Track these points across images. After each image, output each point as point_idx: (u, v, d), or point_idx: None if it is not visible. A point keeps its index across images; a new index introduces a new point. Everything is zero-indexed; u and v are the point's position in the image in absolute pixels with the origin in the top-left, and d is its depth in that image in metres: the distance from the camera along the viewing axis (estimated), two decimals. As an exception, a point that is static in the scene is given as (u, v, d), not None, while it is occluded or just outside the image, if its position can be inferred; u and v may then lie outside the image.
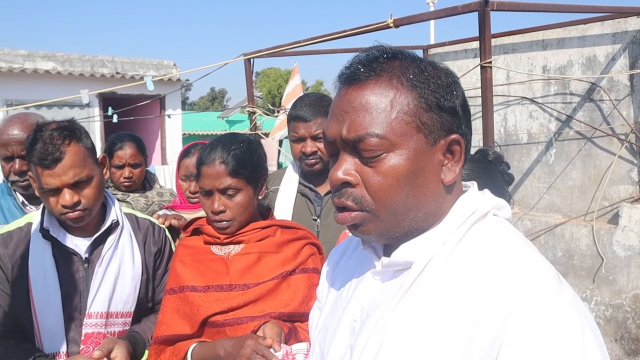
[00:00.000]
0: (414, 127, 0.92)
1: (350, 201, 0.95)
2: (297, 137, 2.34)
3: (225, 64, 4.85)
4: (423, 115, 0.93)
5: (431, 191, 0.96)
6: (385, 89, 0.93)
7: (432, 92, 0.94)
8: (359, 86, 0.94)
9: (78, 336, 1.80)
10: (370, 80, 0.94)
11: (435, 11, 3.20)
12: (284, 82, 39.77)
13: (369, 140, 0.91)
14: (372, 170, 0.93)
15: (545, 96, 4.83)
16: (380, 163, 0.92)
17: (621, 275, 4.30)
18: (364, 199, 0.94)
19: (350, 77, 0.96)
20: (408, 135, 0.92)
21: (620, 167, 4.44)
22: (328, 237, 2.24)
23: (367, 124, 0.92)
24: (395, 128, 0.92)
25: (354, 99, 0.94)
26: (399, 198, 0.93)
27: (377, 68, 0.95)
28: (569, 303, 0.84)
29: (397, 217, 0.95)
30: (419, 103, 0.93)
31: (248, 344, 1.54)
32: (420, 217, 0.96)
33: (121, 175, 2.82)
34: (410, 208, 0.95)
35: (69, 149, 1.75)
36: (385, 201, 0.93)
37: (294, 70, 8.55)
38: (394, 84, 0.93)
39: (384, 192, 0.93)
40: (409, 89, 0.93)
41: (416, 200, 0.94)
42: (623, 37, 4.34)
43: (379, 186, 0.93)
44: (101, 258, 1.86)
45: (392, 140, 0.91)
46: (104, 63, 11.17)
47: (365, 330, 0.97)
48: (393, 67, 0.95)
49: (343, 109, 0.95)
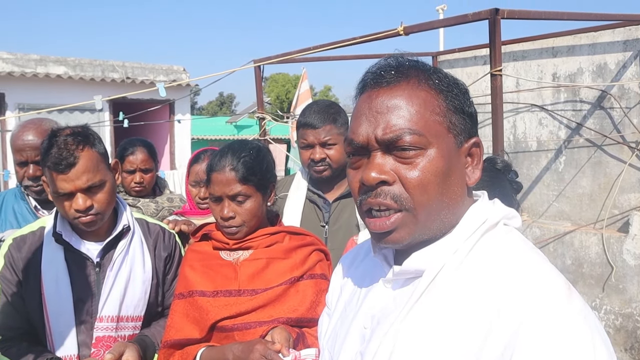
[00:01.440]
0: (445, 128, 0.96)
1: (389, 199, 0.94)
2: (306, 144, 2.35)
3: (235, 70, 4.88)
4: (452, 117, 0.97)
5: (459, 192, 0.98)
6: (416, 91, 0.96)
7: (455, 96, 0.98)
8: (390, 88, 0.97)
9: (89, 339, 1.82)
10: (402, 82, 0.97)
11: (445, 19, 3.21)
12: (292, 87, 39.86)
13: (407, 137, 0.93)
14: (408, 167, 0.94)
15: (555, 103, 4.82)
16: (417, 160, 0.94)
17: (631, 284, 4.27)
18: (402, 196, 0.94)
19: (379, 80, 0.98)
20: (441, 135, 0.95)
21: (630, 175, 4.41)
22: (336, 244, 2.25)
23: (403, 122, 0.94)
24: (430, 126, 0.94)
25: (387, 100, 0.96)
26: (435, 195, 0.94)
27: (405, 72, 0.98)
28: (579, 312, 0.84)
29: (431, 216, 0.96)
30: (447, 106, 0.97)
31: (257, 348, 1.55)
32: (448, 218, 0.97)
33: (132, 180, 2.84)
34: (442, 207, 0.96)
35: (83, 154, 1.77)
36: (424, 197, 0.94)
37: (303, 75, 8.58)
38: (423, 87, 0.97)
39: (423, 188, 0.94)
40: (437, 92, 0.97)
41: (448, 200, 0.96)
42: (634, 44, 4.33)
43: (419, 181, 0.93)
44: (112, 262, 1.88)
45: (428, 137, 0.94)
46: (114, 68, 11.25)
47: (376, 337, 0.98)
48: (419, 72, 0.98)
49: (376, 110, 0.96)
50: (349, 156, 1.02)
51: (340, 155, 2.33)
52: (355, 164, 1.01)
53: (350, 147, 1.00)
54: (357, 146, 0.98)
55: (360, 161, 0.99)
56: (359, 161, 1.00)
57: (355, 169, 1.00)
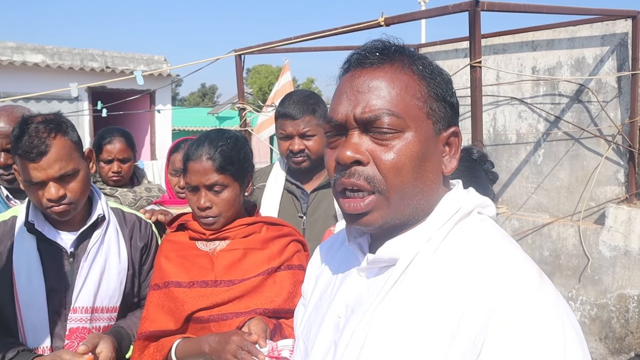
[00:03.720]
0: (424, 113, 0.96)
1: (362, 180, 0.94)
2: (285, 135, 2.33)
3: (217, 59, 4.84)
4: (433, 103, 0.97)
5: (434, 179, 0.98)
6: (399, 74, 0.96)
7: (438, 84, 0.98)
8: (373, 69, 0.96)
9: (63, 331, 1.79)
10: (385, 64, 0.97)
11: (426, 10, 3.21)
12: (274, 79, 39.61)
13: (385, 118, 0.93)
14: (384, 148, 0.94)
15: (534, 97, 4.87)
16: (394, 141, 0.93)
17: (606, 275, 4.35)
18: (376, 177, 0.94)
19: (363, 61, 0.98)
20: (420, 120, 0.95)
21: (607, 168, 4.49)
22: (314, 235, 2.25)
23: (383, 103, 0.94)
24: (409, 110, 0.94)
25: (369, 80, 0.96)
26: (409, 179, 0.94)
27: (390, 55, 0.98)
28: (550, 299, 0.85)
29: (404, 200, 0.95)
30: (429, 92, 0.97)
31: (233, 339, 1.54)
32: (421, 205, 0.97)
33: (110, 169, 2.80)
34: (416, 192, 0.96)
35: (55, 142, 1.73)
36: (397, 180, 0.93)
37: (285, 67, 8.53)
38: (406, 71, 0.96)
39: (397, 171, 0.93)
40: (420, 77, 0.97)
41: (422, 185, 0.96)
42: (611, 39, 4.38)
43: (393, 164, 0.93)
44: (87, 252, 1.85)
45: (407, 120, 0.94)
46: (93, 57, 11.08)
47: (350, 326, 0.97)
48: (403, 57, 0.98)
49: (357, 89, 0.96)
50: (328, 136, 1.01)
51: (319, 147, 2.32)
52: (332, 144, 1.00)
53: (328, 126, 1.00)
54: (335, 124, 0.98)
55: (338, 140, 0.99)
56: (337, 140, 0.99)
57: (333, 148, 1.00)
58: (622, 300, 4.30)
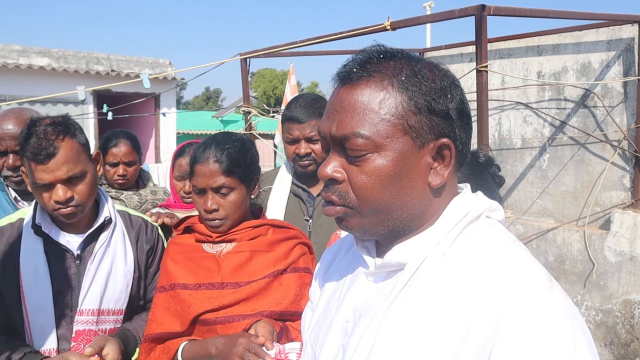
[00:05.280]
0: (400, 130, 0.93)
1: (335, 196, 0.98)
2: (291, 139, 2.34)
3: (221, 63, 4.85)
4: (411, 118, 0.93)
5: (416, 193, 0.96)
6: (375, 90, 0.93)
7: (423, 94, 0.93)
8: (350, 86, 0.95)
9: (69, 333, 1.79)
10: (362, 80, 0.95)
11: (432, 14, 3.21)
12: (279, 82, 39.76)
13: (354, 140, 0.93)
14: (357, 169, 0.95)
15: (539, 101, 4.86)
16: (364, 163, 0.94)
17: (612, 280, 4.33)
18: (348, 195, 0.97)
19: (343, 77, 0.97)
20: (394, 138, 0.93)
21: (612, 173, 4.47)
22: (319, 238, 2.25)
23: (354, 123, 0.93)
24: (381, 130, 0.93)
25: (344, 98, 0.95)
26: (381, 198, 0.95)
27: (370, 69, 0.95)
28: (560, 304, 0.85)
29: (379, 215, 0.97)
30: (408, 106, 0.93)
31: (240, 342, 1.54)
32: (404, 217, 0.97)
33: (115, 172, 2.81)
34: (393, 209, 0.96)
35: (63, 145, 1.74)
36: (368, 200, 0.95)
37: (290, 71, 8.56)
38: (384, 85, 0.93)
39: (367, 191, 0.95)
40: (399, 91, 0.93)
41: (399, 202, 0.96)
42: (617, 44, 4.38)
43: (363, 185, 0.95)
44: (93, 255, 1.85)
45: (376, 141, 0.93)
46: (99, 60, 11.12)
47: (358, 330, 0.97)
48: (386, 68, 0.95)
49: (334, 107, 0.97)
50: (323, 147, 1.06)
51: (325, 150, 2.33)
52: (327, 154, 1.03)
53: (320, 138, 1.04)
54: (322, 138, 1.02)
55: (329, 152, 1.02)
56: (329, 152, 1.03)
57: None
58: (628, 305, 4.28)
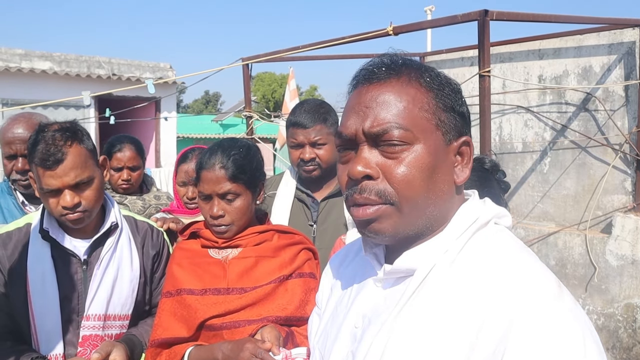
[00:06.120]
0: (433, 124, 0.97)
1: (373, 195, 0.95)
2: (296, 144, 2.35)
3: (222, 69, 4.86)
4: (441, 115, 0.97)
5: (446, 190, 0.99)
6: (406, 87, 0.97)
7: (446, 95, 0.99)
8: (380, 84, 0.98)
9: (75, 338, 1.80)
10: (392, 79, 0.98)
11: (435, 20, 3.22)
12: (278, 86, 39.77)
13: (394, 132, 0.94)
14: (394, 162, 0.95)
15: (540, 105, 4.87)
16: (403, 154, 0.95)
17: (613, 284, 4.33)
18: (387, 191, 0.95)
19: (371, 76, 0.99)
20: (429, 132, 0.96)
21: (614, 177, 4.48)
22: (324, 243, 2.26)
23: (391, 117, 0.95)
24: (417, 123, 0.95)
25: (377, 95, 0.97)
26: (421, 191, 0.95)
27: (397, 69, 0.99)
28: (570, 310, 0.85)
29: (417, 211, 0.96)
30: (437, 103, 0.98)
31: (247, 347, 1.55)
32: (435, 215, 0.98)
33: (119, 177, 2.82)
34: (429, 204, 0.96)
35: (71, 150, 1.75)
36: (409, 193, 0.94)
37: (290, 75, 8.58)
38: (413, 84, 0.98)
39: (408, 183, 0.94)
40: (428, 89, 0.98)
41: (434, 197, 0.97)
42: (619, 48, 4.39)
43: (404, 177, 0.94)
44: (100, 260, 1.86)
45: (415, 133, 0.95)
46: (100, 64, 11.15)
47: (368, 336, 0.98)
48: (410, 70, 0.99)
49: (365, 104, 0.97)
50: (339, 150, 1.03)
51: (330, 155, 2.34)
52: (344, 158, 1.02)
53: (339, 140, 1.02)
54: (345, 139, 1.00)
55: (349, 155, 1.01)
56: (348, 155, 1.01)
57: (344, 163, 1.02)
58: (630, 309, 4.28)
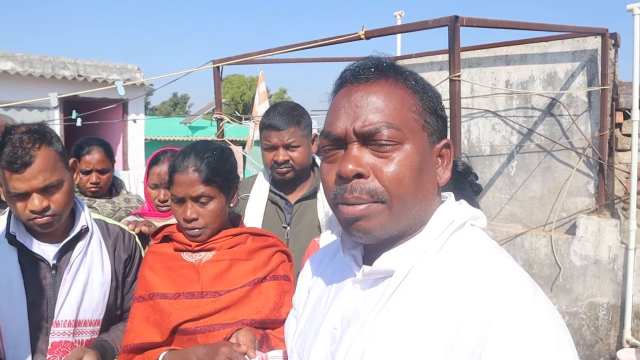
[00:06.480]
0: (420, 125, 0.99)
1: (365, 194, 0.95)
2: (270, 146, 2.34)
3: (192, 71, 4.82)
4: (427, 116, 1.00)
5: (431, 189, 1.01)
6: (394, 88, 0.99)
7: (429, 98, 1.02)
8: (369, 84, 0.99)
9: (44, 345, 1.75)
10: (381, 79, 1.00)
11: (406, 24, 3.27)
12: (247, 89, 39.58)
13: (385, 131, 0.95)
14: (385, 161, 0.96)
15: (507, 110, 4.98)
16: (394, 154, 0.96)
17: (577, 284, 4.46)
18: (378, 190, 0.95)
19: (359, 76, 1.01)
20: (417, 132, 0.98)
21: (578, 179, 4.61)
22: (297, 245, 2.26)
23: (382, 117, 0.96)
24: (407, 123, 0.97)
25: (366, 95, 0.98)
26: (410, 189, 0.96)
27: (384, 71, 1.01)
28: (544, 309, 0.88)
29: (405, 210, 0.97)
30: (423, 105, 1.00)
31: (222, 351, 1.53)
32: (419, 215, 0.99)
33: (88, 180, 2.76)
34: (416, 203, 0.98)
35: (39, 153, 1.70)
36: (400, 191, 0.95)
37: (260, 77, 8.55)
38: (400, 86, 1.00)
39: (399, 182, 0.95)
40: (414, 92, 1.00)
41: (421, 196, 0.98)
42: (582, 55, 4.53)
43: (394, 175, 0.95)
44: (70, 265, 1.82)
45: (405, 133, 0.96)
46: (65, 65, 10.88)
47: (347, 337, 0.98)
48: (396, 73, 1.01)
49: (355, 103, 0.98)
50: (326, 150, 1.02)
51: (303, 158, 2.34)
52: (330, 158, 1.02)
53: (327, 140, 1.01)
54: (334, 138, 1.00)
55: (336, 155, 1.01)
56: (335, 155, 1.01)
57: (331, 162, 1.01)
58: (592, 308, 4.41)
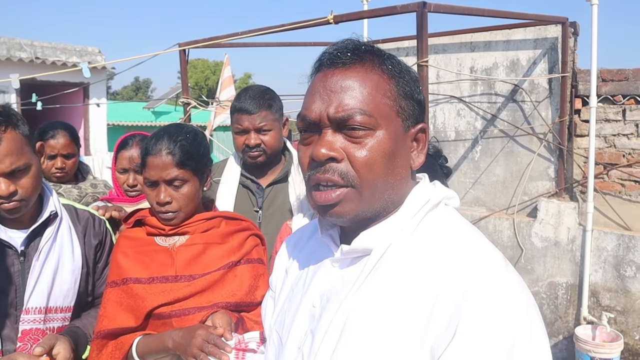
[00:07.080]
0: (394, 111, 1.00)
1: (336, 176, 0.98)
2: (241, 129, 2.33)
3: (157, 54, 4.73)
4: (402, 102, 1.01)
5: (404, 174, 1.03)
6: (370, 73, 1.00)
7: (406, 83, 1.03)
8: (345, 69, 1.00)
9: (14, 333, 1.71)
10: (356, 64, 1.00)
11: (374, 9, 3.29)
12: (211, 73, 39.02)
13: (357, 117, 0.97)
14: (357, 146, 0.98)
15: (472, 95, 5.08)
16: (366, 139, 0.98)
17: (538, 264, 4.61)
18: (350, 173, 0.98)
19: (335, 60, 1.01)
20: (390, 118, 1.00)
21: (539, 164, 4.75)
22: (270, 229, 2.27)
23: (355, 102, 0.97)
24: (380, 109, 0.98)
25: (341, 80, 0.99)
26: (381, 175, 0.99)
27: (361, 55, 1.01)
28: (515, 281, 0.92)
29: (375, 194, 1.00)
30: (398, 90, 1.01)
31: (199, 333, 1.54)
32: (392, 198, 1.02)
33: (53, 165, 2.70)
34: (387, 187, 1.00)
35: (5, 136, 1.66)
36: (370, 176, 0.98)
37: (226, 62, 8.44)
38: (376, 71, 1.01)
39: (370, 167, 0.98)
40: (390, 76, 1.01)
41: (393, 180, 1.01)
42: (543, 43, 4.64)
43: (365, 160, 0.97)
44: (39, 251, 1.78)
45: (378, 119, 0.98)
46: (21, 46, 10.49)
47: (327, 315, 1.00)
48: (374, 57, 1.02)
49: (329, 89, 0.99)
50: (301, 132, 1.04)
51: (275, 141, 2.34)
52: (306, 140, 1.04)
53: (302, 123, 1.03)
54: (309, 122, 1.01)
55: (311, 137, 1.02)
56: (310, 137, 1.03)
57: (306, 145, 1.03)
58: (552, 287, 4.58)
